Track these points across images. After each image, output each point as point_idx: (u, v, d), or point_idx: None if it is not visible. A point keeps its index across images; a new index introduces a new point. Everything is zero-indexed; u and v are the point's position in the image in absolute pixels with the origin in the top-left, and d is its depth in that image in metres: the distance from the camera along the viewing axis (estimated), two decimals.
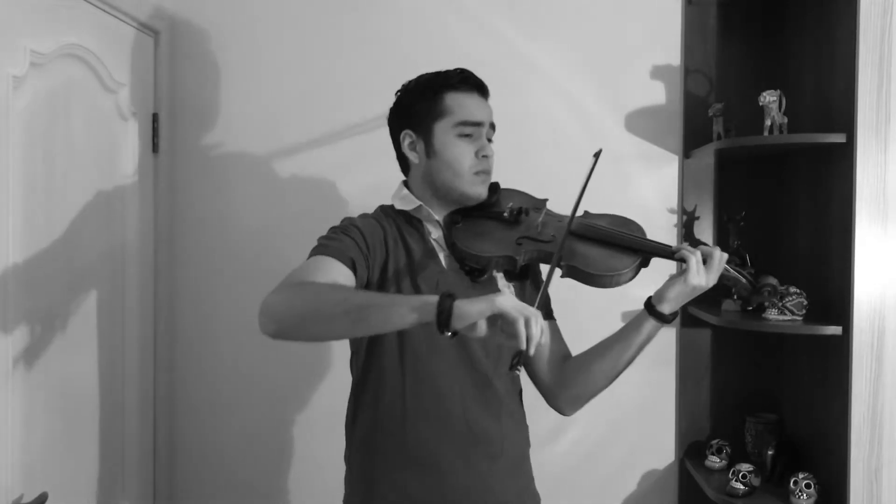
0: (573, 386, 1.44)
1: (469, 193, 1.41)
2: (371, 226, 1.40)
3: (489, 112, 1.45)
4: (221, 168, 2.13)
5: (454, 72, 1.44)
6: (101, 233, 1.81)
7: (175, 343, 2.13)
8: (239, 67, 2.13)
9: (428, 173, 1.43)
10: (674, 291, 1.34)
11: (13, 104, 1.44)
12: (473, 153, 1.40)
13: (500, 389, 1.42)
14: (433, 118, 1.41)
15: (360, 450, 1.43)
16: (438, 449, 1.37)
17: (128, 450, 1.94)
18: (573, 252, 1.36)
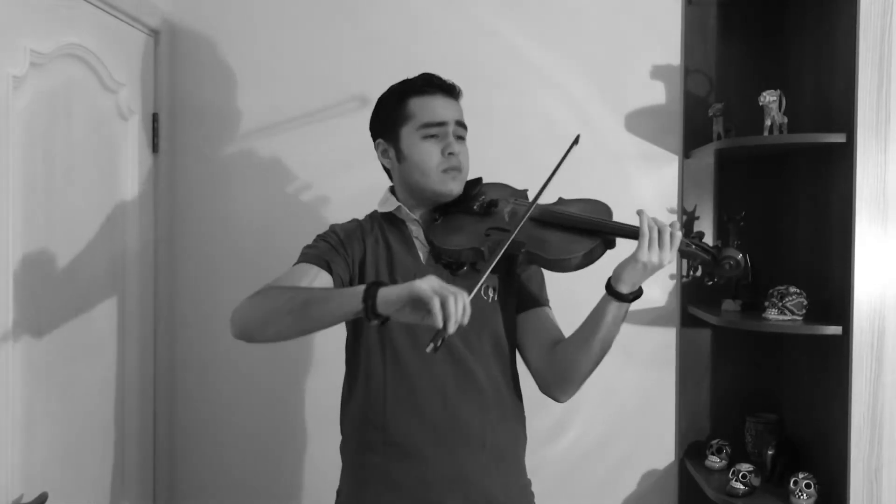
0: (559, 371, 1.45)
1: (439, 191, 1.45)
2: (350, 227, 1.50)
3: (455, 111, 1.48)
4: (221, 168, 2.13)
5: (418, 77, 1.49)
6: (102, 233, 1.81)
7: (175, 343, 2.13)
8: (239, 67, 2.13)
9: (402, 177, 1.49)
10: (627, 269, 1.34)
11: (13, 104, 1.44)
12: (439, 152, 1.44)
13: (483, 381, 1.44)
14: (399, 124, 1.46)
15: (350, 439, 1.49)
16: (420, 440, 1.41)
17: (128, 450, 1.94)
18: (536, 239, 1.37)
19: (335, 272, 1.40)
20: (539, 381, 1.50)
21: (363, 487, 1.45)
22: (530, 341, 1.50)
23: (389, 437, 1.42)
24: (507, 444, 1.49)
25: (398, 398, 1.42)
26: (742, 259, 1.34)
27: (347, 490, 1.50)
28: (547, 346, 1.48)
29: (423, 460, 1.41)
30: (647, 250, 1.31)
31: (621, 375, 2.10)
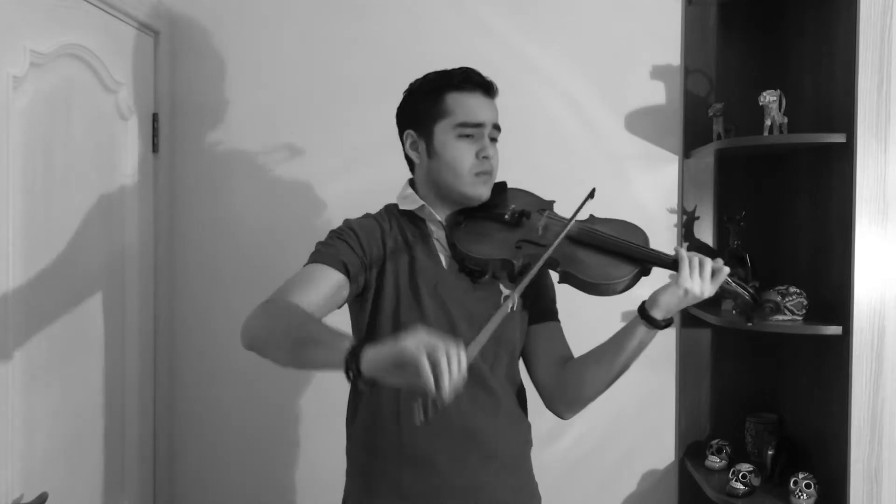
0: (569, 390, 1.42)
1: (469, 194, 1.41)
2: (369, 226, 1.42)
3: (493, 112, 1.43)
4: (221, 168, 2.13)
5: (457, 71, 1.43)
6: (101, 233, 1.81)
7: (175, 343, 2.13)
8: (239, 67, 2.13)
9: (429, 173, 1.42)
10: (666, 296, 1.30)
11: (13, 104, 1.44)
12: (474, 154, 1.39)
13: (496, 389, 1.41)
14: (434, 119, 1.40)
15: (359, 446, 1.45)
16: (432, 448, 1.37)
17: (128, 450, 1.94)
18: (571, 258, 1.34)
19: (352, 276, 1.33)
20: (545, 396, 1.47)
21: (372, 495, 1.41)
22: (540, 355, 1.47)
23: (401, 445, 1.38)
24: (516, 450, 1.47)
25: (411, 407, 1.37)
26: (780, 302, 1.34)
27: (355, 498, 1.45)
28: (556, 362, 1.45)
29: (434, 469, 1.37)
30: (689, 277, 1.28)
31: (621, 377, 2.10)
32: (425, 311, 1.36)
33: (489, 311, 1.37)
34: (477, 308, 1.39)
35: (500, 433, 1.42)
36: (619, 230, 1.40)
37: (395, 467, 1.39)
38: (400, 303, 1.37)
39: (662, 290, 1.31)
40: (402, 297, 1.37)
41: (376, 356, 1.00)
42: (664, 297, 1.30)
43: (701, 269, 1.29)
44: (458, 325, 1.37)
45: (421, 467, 1.37)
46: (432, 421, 0.99)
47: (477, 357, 1.32)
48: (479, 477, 1.39)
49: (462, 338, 1.29)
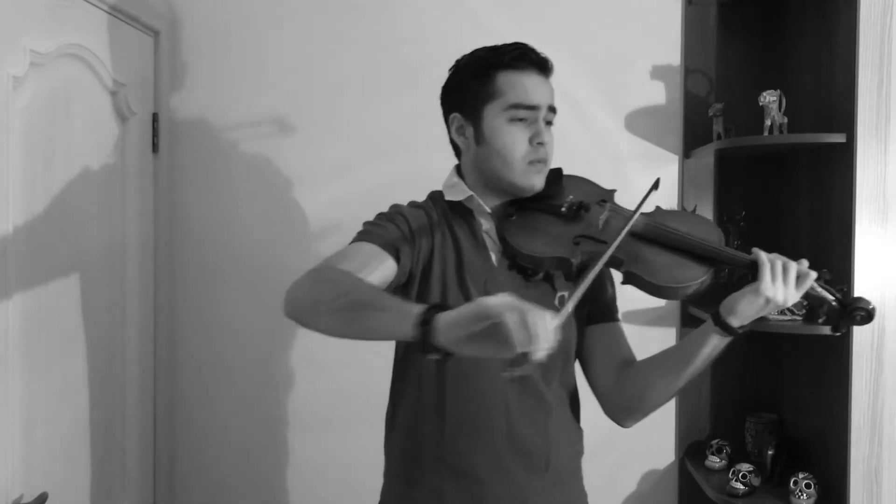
0: (631, 397, 1.31)
1: (521, 184, 1.28)
2: (418, 215, 1.30)
3: (549, 93, 1.29)
4: (221, 168, 2.13)
5: (509, 47, 1.29)
6: (101, 233, 1.81)
7: (175, 343, 2.13)
8: (239, 67, 2.13)
9: (477, 161, 1.31)
10: (744, 303, 1.17)
11: (13, 104, 1.43)
12: (527, 139, 1.26)
13: (548, 396, 1.30)
14: (483, 100, 1.27)
15: (399, 449, 1.35)
16: (477, 460, 1.27)
17: (128, 450, 1.94)
18: (636, 257, 1.21)
19: (401, 262, 1.21)
20: (604, 403, 1.36)
21: (411, 502, 1.32)
22: (599, 359, 1.35)
23: (443, 453, 1.28)
24: (568, 464, 1.36)
25: (457, 414, 1.27)
26: (873, 310, 1.18)
27: (393, 501, 1.37)
28: (617, 367, 1.33)
29: (480, 482, 1.27)
30: (771, 284, 1.14)
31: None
32: None
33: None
34: None
35: (550, 444, 1.30)
36: (690, 226, 1.27)
37: (436, 475, 1.29)
38: (447, 300, 1.25)
39: (740, 296, 1.18)
40: (449, 293, 1.26)
41: (455, 321, 0.88)
42: (742, 304, 1.17)
43: (785, 275, 1.15)
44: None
45: (463, 477, 1.28)
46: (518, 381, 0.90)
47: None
48: (526, 490, 1.29)
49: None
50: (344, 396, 2.12)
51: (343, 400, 2.12)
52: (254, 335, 2.13)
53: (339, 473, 2.12)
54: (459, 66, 1.34)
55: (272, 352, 2.14)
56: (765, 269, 1.15)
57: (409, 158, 2.06)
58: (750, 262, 1.18)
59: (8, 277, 1.42)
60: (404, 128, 2.08)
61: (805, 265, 1.18)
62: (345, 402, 2.12)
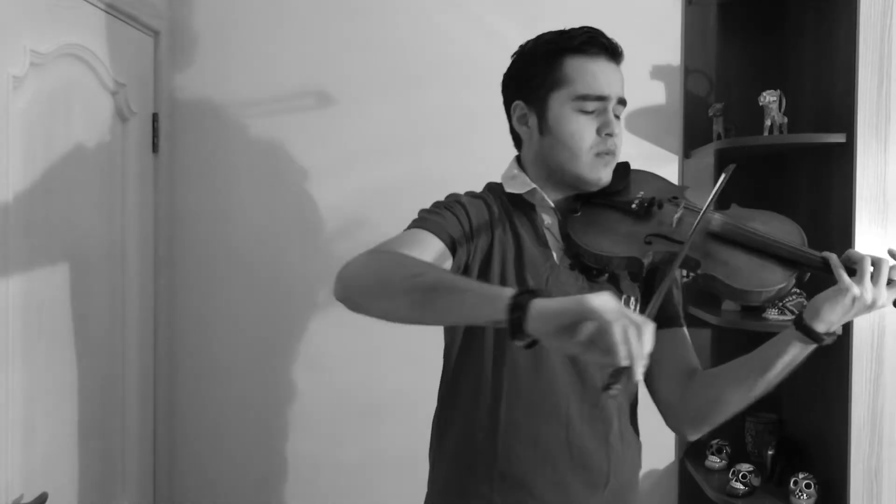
0: (699, 408, 1.23)
1: (587, 178, 1.21)
2: (478, 206, 1.22)
3: (619, 82, 1.22)
4: (221, 168, 2.13)
5: (578, 31, 1.23)
6: (101, 233, 1.81)
7: (175, 343, 2.13)
8: (239, 67, 2.13)
9: (541, 152, 1.23)
10: (829, 303, 1.08)
11: (13, 104, 1.43)
12: (594, 130, 1.19)
13: (611, 409, 1.23)
14: (549, 88, 1.20)
15: (449, 458, 1.27)
16: (533, 472, 1.20)
17: (128, 450, 1.94)
18: (713, 258, 1.13)
19: (458, 256, 1.14)
20: (668, 414, 1.28)
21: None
22: (663, 367, 1.26)
23: (498, 466, 1.20)
24: (628, 481, 1.28)
25: (513, 423, 1.20)
26: None
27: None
28: (683, 376, 1.26)
29: (534, 496, 1.19)
30: (851, 282, 1.06)
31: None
32: None
33: None
34: None
35: (611, 458, 1.23)
36: (771, 225, 1.19)
37: (487, 486, 1.20)
38: None
39: (824, 298, 1.09)
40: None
41: (551, 312, 0.81)
42: (827, 305, 1.08)
43: (875, 274, 1.06)
44: None
45: (517, 489, 1.20)
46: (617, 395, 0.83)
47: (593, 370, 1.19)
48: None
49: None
50: (344, 396, 2.12)
51: (343, 400, 2.12)
52: (254, 335, 2.13)
53: (339, 473, 2.12)
54: (524, 51, 1.27)
55: (272, 352, 2.14)
56: (836, 266, 1.07)
57: (410, 158, 2.06)
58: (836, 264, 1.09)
59: (8, 277, 1.42)
60: (405, 128, 2.08)
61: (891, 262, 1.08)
62: (345, 403, 2.12)
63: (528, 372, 1.19)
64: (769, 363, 1.14)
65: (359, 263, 1.03)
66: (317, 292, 2.11)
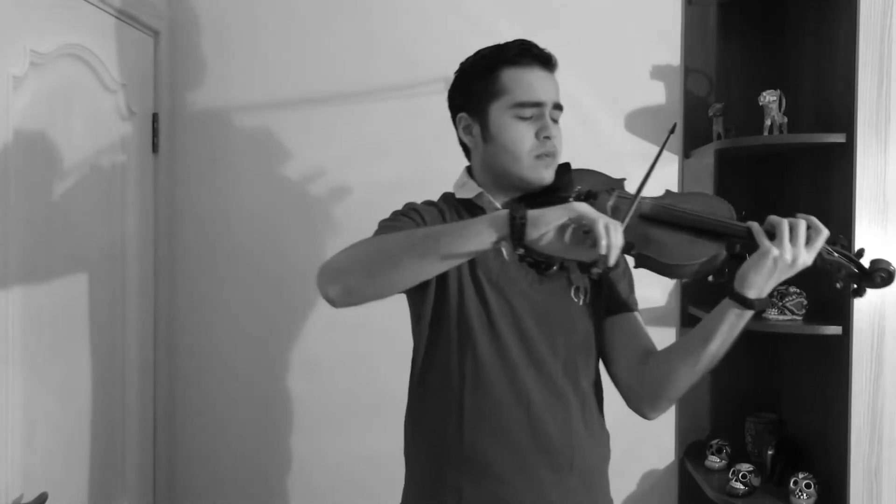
0: (655, 386, 1.29)
1: (530, 178, 1.29)
2: (432, 212, 1.32)
3: (554, 89, 1.31)
4: (221, 168, 2.13)
5: (513, 44, 1.30)
6: (101, 233, 1.81)
7: (175, 343, 2.13)
8: (239, 67, 2.13)
9: (486, 159, 1.32)
10: (753, 268, 1.13)
11: (13, 104, 1.44)
12: (533, 135, 1.27)
13: (572, 395, 1.31)
14: (488, 99, 1.29)
15: (420, 449, 1.35)
16: (500, 459, 1.27)
17: (128, 450, 1.94)
18: (646, 239, 1.21)
19: None
20: (627, 396, 1.35)
21: (433, 502, 1.31)
22: (619, 351, 1.34)
23: (464, 453, 1.27)
24: (594, 464, 1.36)
25: (477, 411, 1.27)
26: (894, 271, 1.16)
27: (415, 500, 1.35)
28: (638, 357, 1.33)
29: (502, 481, 1.26)
30: (771, 243, 1.12)
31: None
32: (489, 305, 1.27)
33: (556, 305, 1.31)
34: (543, 302, 1.30)
35: (574, 441, 1.30)
36: (700, 204, 1.26)
37: (456, 474, 1.27)
38: (464, 295, 1.27)
39: (749, 264, 1.15)
40: (466, 289, 1.27)
41: (544, 214, 1.00)
42: (752, 270, 1.14)
43: (793, 234, 1.13)
44: (524, 319, 1.28)
45: (483, 476, 1.26)
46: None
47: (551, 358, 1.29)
48: (551, 493, 1.28)
49: (530, 333, 1.28)
50: (345, 396, 2.12)
51: (344, 400, 2.13)
52: (254, 335, 2.13)
53: (339, 473, 2.12)
54: (464, 66, 1.35)
55: (272, 351, 2.14)
56: (757, 231, 1.14)
57: (410, 158, 2.07)
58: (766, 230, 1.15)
59: (8, 277, 1.42)
60: (405, 128, 2.08)
61: (816, 221, 1.15)
62: (345, 403, 2.12)
63: (490, 361, 1.26)
64: (710, 333, 1.21)
65: (344, 255, 1.13)
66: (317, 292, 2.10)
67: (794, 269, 1.14)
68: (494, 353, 1.27)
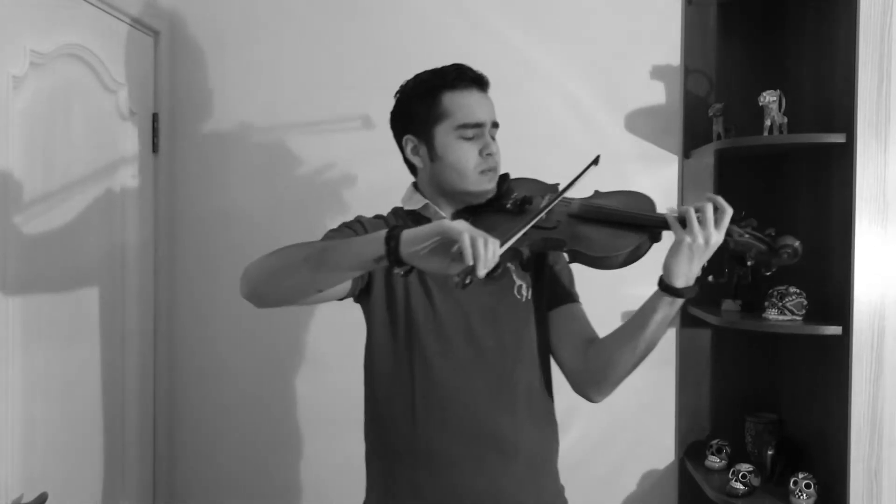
0: (597, 371, 1.37)
1: (476, 192, 1.39)
2: (377, 224, 1.41)
3: (490, 109, 1.41)
4: (221, 168, 2.13)
5: (450, 69, 1.41)
6: (102, 233, 1.81)
7: (175, 343, 2.13)
8: (239, 67, 2.13)
9: (433, 176, 1.41)
10: (672, 256, 1.22)
11: (13, 104, 1.44)
12: (477, 152, 1.37)
13: (517, 386, 1.38)
14: (432, 122, 1.38)
15: (375, 448, 1.44)
16: (449, 450, 1.35)
17: (128, 450, 1.94)
18: (576, 236, 1.31)
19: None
20: (573, 381, 1.43)
21: (391, 499, 1.39)
22: (563, 340, 1.43)
23: (418, 447, 1.36)
24: (540, 451, 1.43)
25: (427, 406, 1.35)
26: (799, 246, 1.26)
27: (375, 501, 1.44)
28: (581, 345, 1.41)
29: (453, 471, 1.34)
30: (683, 230, 1.20)
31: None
32: (437, 308, 1.36)
33: (501, 302, 1.39)
34: (491, 302, 1.38)
35: (521, 432, 1.38)
36: (624, 201, 1.36)
37: (411, 468, 1.36)
38: (411, 299, 1.36)
39: (669, 255, 1.23)
40: (413, 294, 1.36)
41: (417, 234, 1.05)
42: (672, 260, 1.22)
43: (700, 216, 1.20)
44: (472, 320, 1.37)
45: (436, 467, 1.35)
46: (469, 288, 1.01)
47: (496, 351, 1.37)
48: (499, 479, 1.35)
49: (478, 331, 1.36)
50: (345, 396, 2.11)
51: (344, 400, 2.11)
52: (254, 335, 2.13)
53: (339, 473, 2.12)
54: (406, 90, 1.44)
55: (272, 351, 2.14)
56: (672, 220, 1.22)
57: None
58: (675, 218, 1.24)
59: (8, 277, 1.43)
60: None
61: (722, 201, 1.22)
62: (345, 403, 2.11)
63: (438, 359, 1.35)
64: (646, 321, 1.28)
65: (259, 261, 1.24)
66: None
67: (710, 250, 1.21)
68: (441, 352, 1.35)
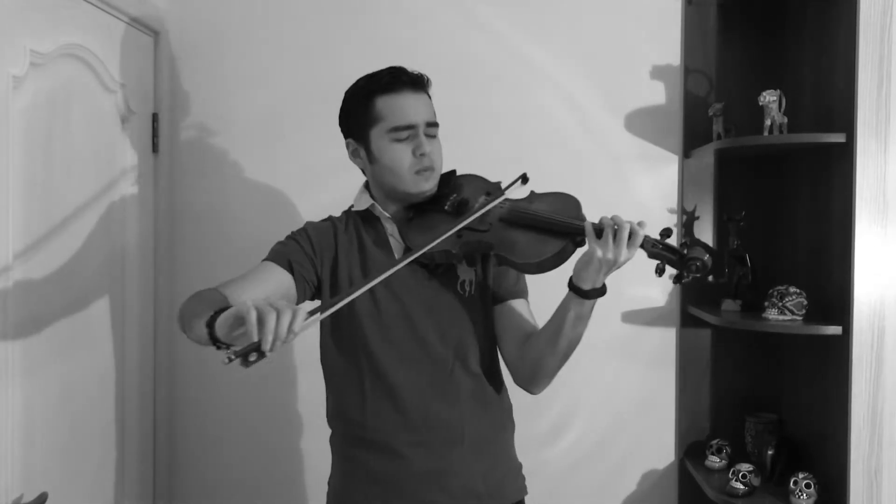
0: (530, 363, 1.42)
1: (413, 192, 1.44)
2: (321, 227, 1.49)
3: (424, 110, 1.43)
4: (221, 168, 2.13)
5: (383, 73, 1.45)
6: (102, 233, 1.81)
7: (174, 343, 2.13)
8: (238, 67, 2.13)
9: (374, 177, 1.47)
10: (582, 266, 1.29)
11: (13, 104, 1.44)
12: (411, 153, 1.41)
13: (461, 376, 1.44)
14: (368, 126, 1.43)
15: (336, 433, 1.54)
16: (398, 437, 1.43)
17: (128, 450, 1.94)
18: (504, 241, 1.36)
19: (297, 273, 1.42)
20: (512, 373, 1.49)
21: (349, 479, 1.49)
22: (505, 334, 1.48)
23: (369, 434, 1.44)
24: (487, 435, 1.48)
25: (376, 397, 1.44)
26: (708, 260, 1.25)
27: (336, 481, 1.54)
28: (520, 340, 1.46)
29: (402, 456, 1.43)
30: (596, 245, 1.26)
31: (621, 375, 2.11)
32: (379, 304, 1.42)
33: (444, 297, 1.45)
34: (434, 297, 1.44)
35: (463, 418, 1.44)
36: (553, 204, 1.38)
37: (364, 453, 1.45)
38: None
39: (581, 261, 1.30)
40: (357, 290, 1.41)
41: (224, 318, 1.11)
42: (582, 267, 1.28)
43: (615, 235, 1.25)
44: (414, 315, 1.43)
45: (386, 453, 1.43)
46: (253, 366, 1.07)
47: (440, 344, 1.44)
48: (445, 462, 1.43)
49: (420, 325, 1.43)
50: None
51: None
52: None
53: None
54: (347, 96, 1.49)
55: None
56: (588, 232, 1.27)
57: None
58: (593, 228, 1.27)
59: (7, 277, 1.42)
60: None
61: (636, 225, 1.26)
62: None
63: (382, 352, 1.43)
64: (562, 320, 1.33)
65: (186, 303, 1.31)
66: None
67: (618, 266, 1.27)
68: (385, 345, 1.43)
